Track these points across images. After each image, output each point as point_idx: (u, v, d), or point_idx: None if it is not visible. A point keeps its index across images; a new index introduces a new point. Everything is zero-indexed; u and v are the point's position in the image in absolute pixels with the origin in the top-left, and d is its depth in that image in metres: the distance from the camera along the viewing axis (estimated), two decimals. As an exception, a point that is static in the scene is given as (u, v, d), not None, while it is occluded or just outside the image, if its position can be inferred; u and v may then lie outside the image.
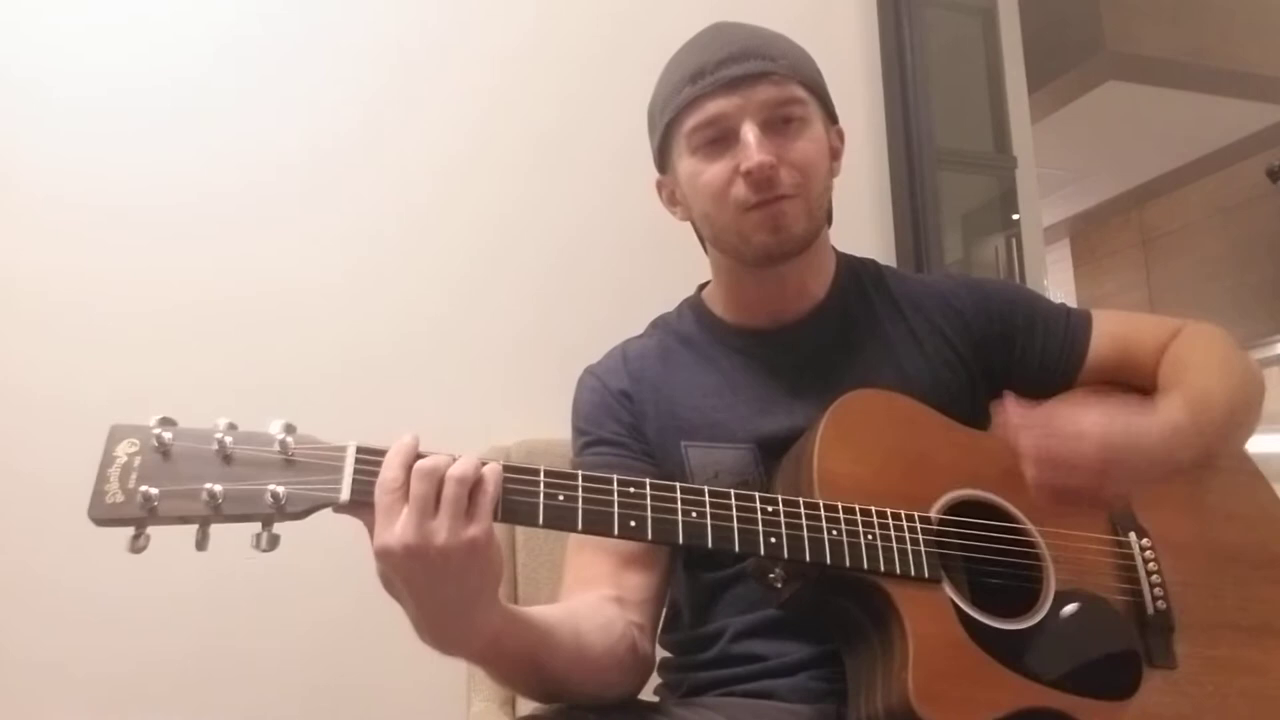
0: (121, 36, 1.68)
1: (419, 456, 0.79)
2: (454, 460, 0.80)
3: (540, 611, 0.93)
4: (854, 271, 1.21)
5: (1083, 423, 0.92)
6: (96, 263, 1.61)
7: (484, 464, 0.81)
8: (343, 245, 1.74)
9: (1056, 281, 5.36)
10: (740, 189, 1.05)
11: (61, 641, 1.49)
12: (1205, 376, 1.07)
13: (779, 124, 1.07)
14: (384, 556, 0.77)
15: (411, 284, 1.76)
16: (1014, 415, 0.93)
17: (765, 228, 1.06)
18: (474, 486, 0.79)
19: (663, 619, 1.21)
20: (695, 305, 1.23)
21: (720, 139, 1.07)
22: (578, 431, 1.18)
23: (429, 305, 1.76)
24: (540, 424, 1.58)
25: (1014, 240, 2.26)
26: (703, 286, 1.25)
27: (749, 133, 1.04)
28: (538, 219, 1.85)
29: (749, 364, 1.15)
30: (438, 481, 0.78)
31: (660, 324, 1.25)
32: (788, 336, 1.16)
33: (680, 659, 1.15)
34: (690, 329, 1.21)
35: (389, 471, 0.78)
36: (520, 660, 0.89)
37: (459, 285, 1.79)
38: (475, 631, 0.82)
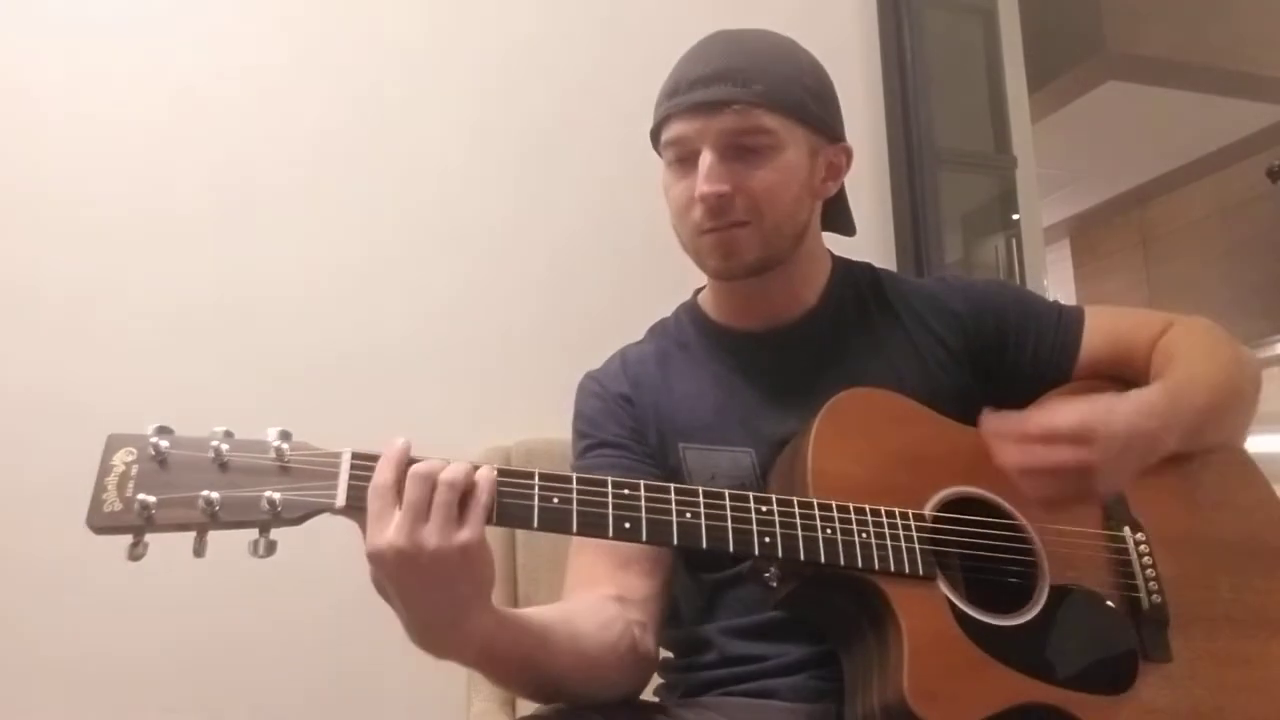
0: (119, 39, 1.69)
1: (412, 461, 0.80)
2: (447, 464, 0.80)
3: (536, 613, 0.92)
4: (850, 276, 1.22)
5: (1055, 421, 0.92)
6: (95, 265, 1.61)
7: (477, 469, 0.81)
8: (343, 246, 1.74)
9: (1056, 281, 5.36)
10: (697, 212, 1.07)
11: (64, 636, 1.50)
12: (1189, 364, 1.08)
13: (741, 151, 1.06)
14: (376, 560, 0.78)
15: (411, 285, 1.77)
16: (991, 430, 0.94)
17: (716, 253, 1.09)
18: (466, 492, 0.79)
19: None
20: (691, 309, 1.24)
21: (686, 158, 1.08)
22: (579, 435, 1.18)
23: (429, 306, 1.77)
24: (540, 424, 1.58)
25: (1014, 240, 2.27)
26: (699, 291, 1.26)
27: (704, 160, 1.05)
28: (538, 219, 1.86)
29: (744, 366, 1.16)
30: (430, 486, 0.78)
31: (658, 330, 1.26)
32: (781, 339, 1.16)
33: (680, 660, 1.15)
34: (687, 334, 1.22)
35: (381, 476, 0.78)
36: (515, 663, 0.89)
37: (459, 286, 1.79)
38: (467, 637, 0.82)
